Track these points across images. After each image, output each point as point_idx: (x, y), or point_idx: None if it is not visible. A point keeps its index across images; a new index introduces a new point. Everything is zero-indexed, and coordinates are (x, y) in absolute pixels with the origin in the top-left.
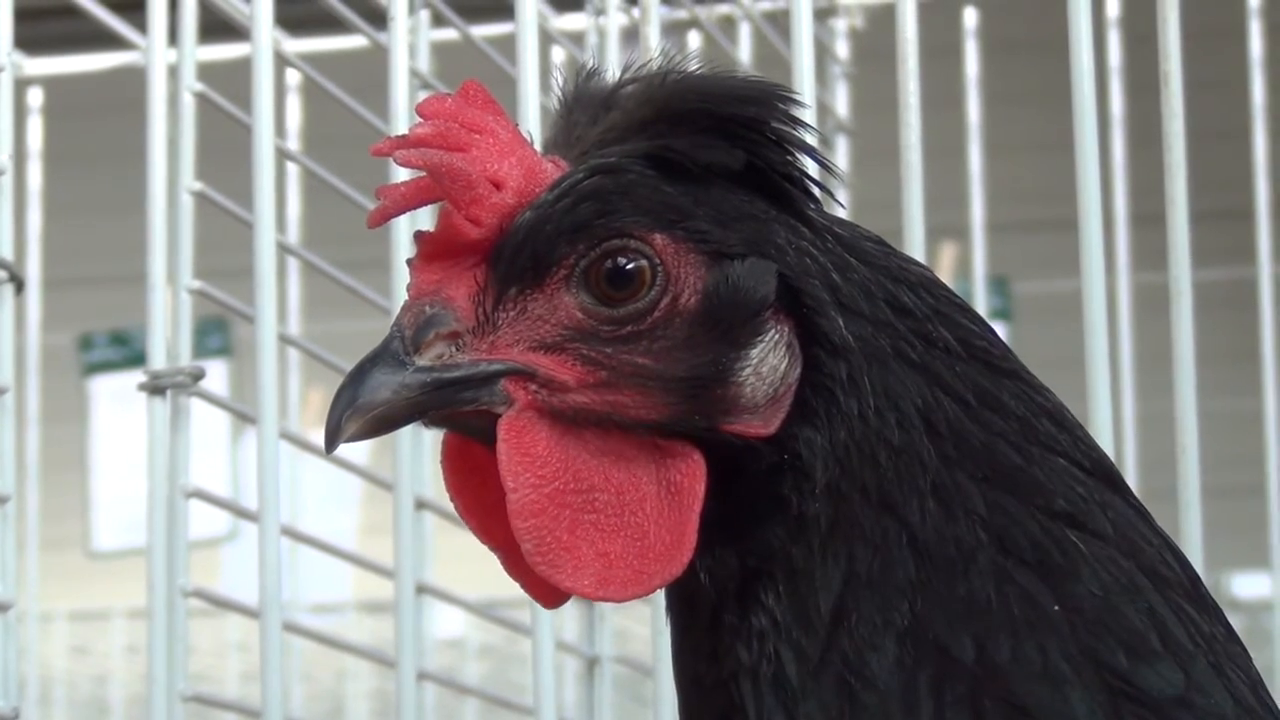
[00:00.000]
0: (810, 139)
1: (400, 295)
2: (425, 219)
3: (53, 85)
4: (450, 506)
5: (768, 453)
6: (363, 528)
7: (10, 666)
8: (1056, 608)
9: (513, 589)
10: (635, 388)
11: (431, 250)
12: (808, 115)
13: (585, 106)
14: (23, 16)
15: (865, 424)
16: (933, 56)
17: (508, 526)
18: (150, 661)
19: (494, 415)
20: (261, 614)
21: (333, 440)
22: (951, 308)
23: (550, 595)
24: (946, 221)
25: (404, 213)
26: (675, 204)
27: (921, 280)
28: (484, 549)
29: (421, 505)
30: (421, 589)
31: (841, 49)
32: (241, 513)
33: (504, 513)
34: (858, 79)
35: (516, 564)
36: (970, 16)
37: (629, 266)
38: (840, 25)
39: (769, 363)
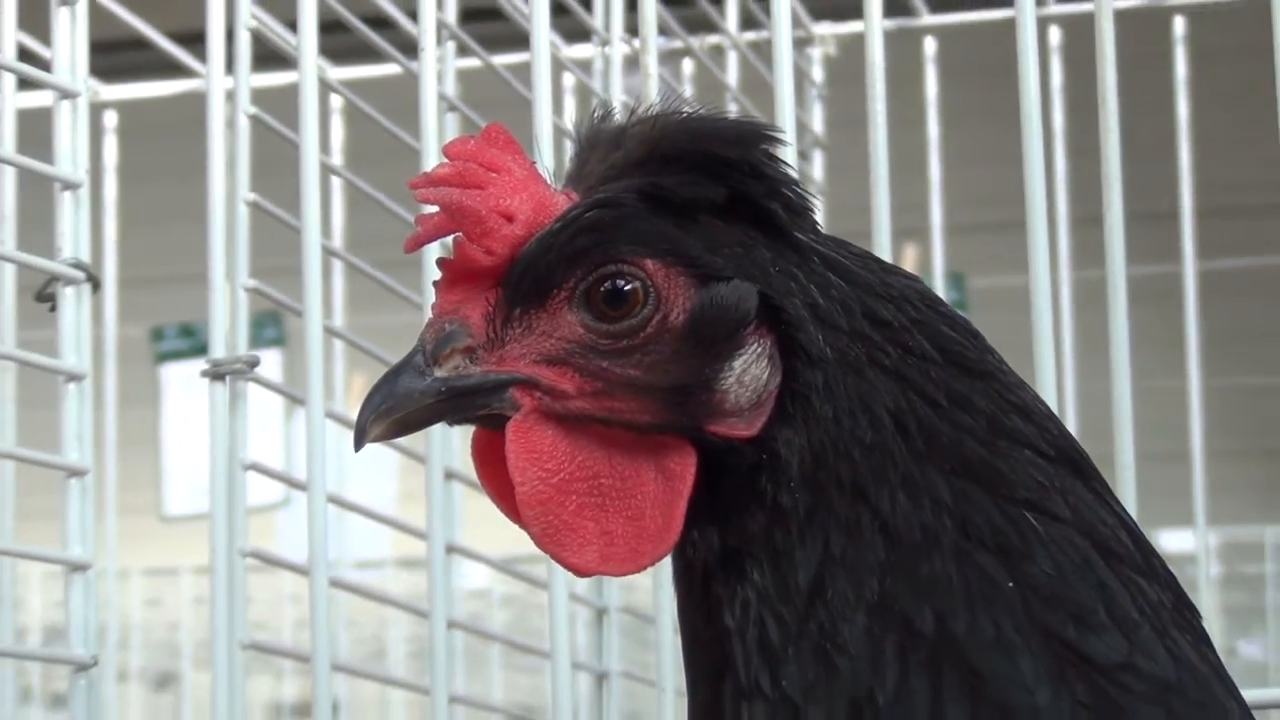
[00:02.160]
0: (789, 171)
1: (429, 291)
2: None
3: (125, 109)
4: (474, 476)
5: (749, 451)
6: (400, 495)
7: (90, 619)
8: (1011, 585)
9: (531, 548)
10: (629, 395)
11: (451, 275)
12: (789, 130)
13: (597, 146)
14: (99, 48)
15: (839, 425)
16: (897, 80)
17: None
18: (213, 613)
19: (507, 417)
20: (310, 571)
21: (360, 440)
22: (933, 317)
23: (562, 563)
24: (910, 224)
25: (435, 240)
26: (665, 233)
27: (904, 293)
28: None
29: (450, 475)
30: (451, 548)
31: (817, 74)
32: (293, 483)
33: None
34: (831, 100)
35: (537, 535)
36: (930, 45)
37: (625, 288)
38: (816, 53)
39: (751, 373)
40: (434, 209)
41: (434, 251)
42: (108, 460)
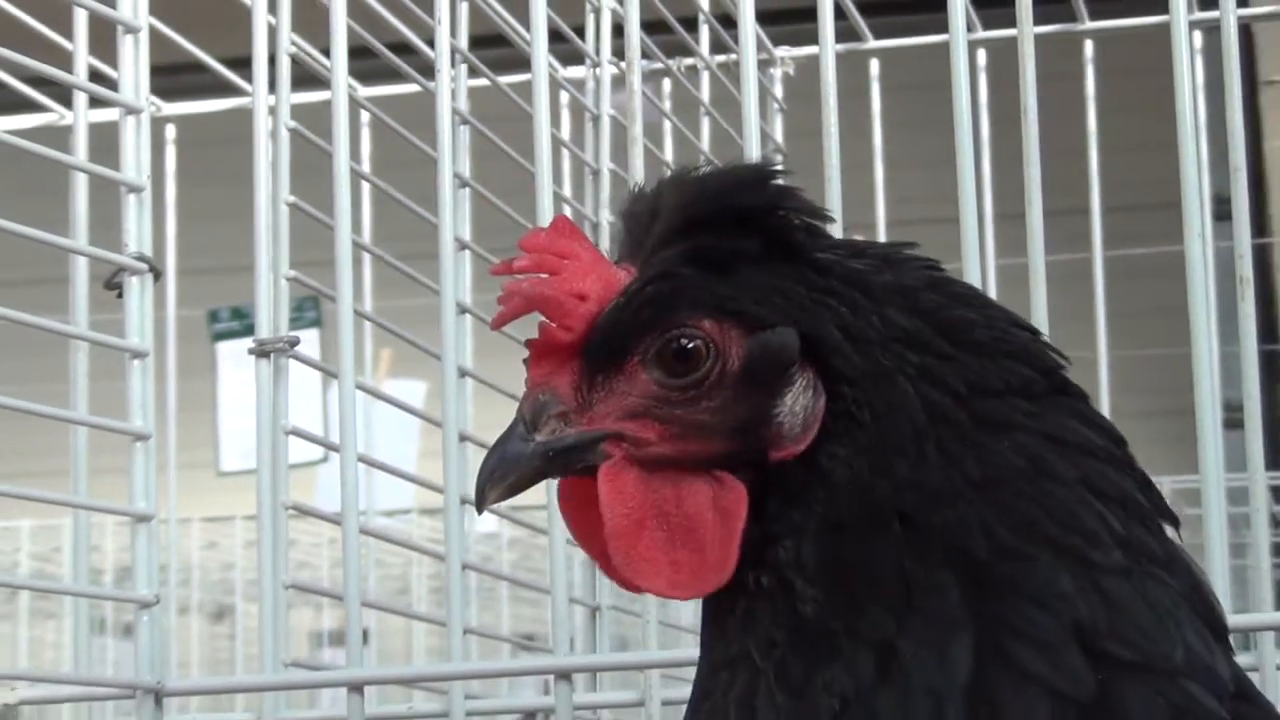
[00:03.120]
0: (802, 199)
1: (448, 279)
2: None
3: (183, 122)
4: (485, 437)
5: (797, 469)
6: (421, 453)
7: (153, 563)
8: (1028, 488)
9: (533, 499)
10: (700, 437)
11: (539, 351)
12: (753, 139)
13: (638, 220)
14: (159, 71)
15: (880, 428)
16: (847, 95)
17: (603, 541)
18: (260, 556)
19: (596, 466)
20: (343, 519)
21: (481, 503)
22: (942, 303)
23: (631, 588)
24: (858, 219)
25: (519, 317)
26: (716, 292)
27: (915, 288)
28: None
29: (464, 438)
30: (464, 500)
31: (778, 90)
32: (328, 445)
33: (600, 532)
34: (790, 113)
35: (607, 568)
36: (875, 66)
37: (689, 346)
38: (777, 73)
39: (800, 402)
40: (518, 284)
41: (449, 247)
42: (169, 424)
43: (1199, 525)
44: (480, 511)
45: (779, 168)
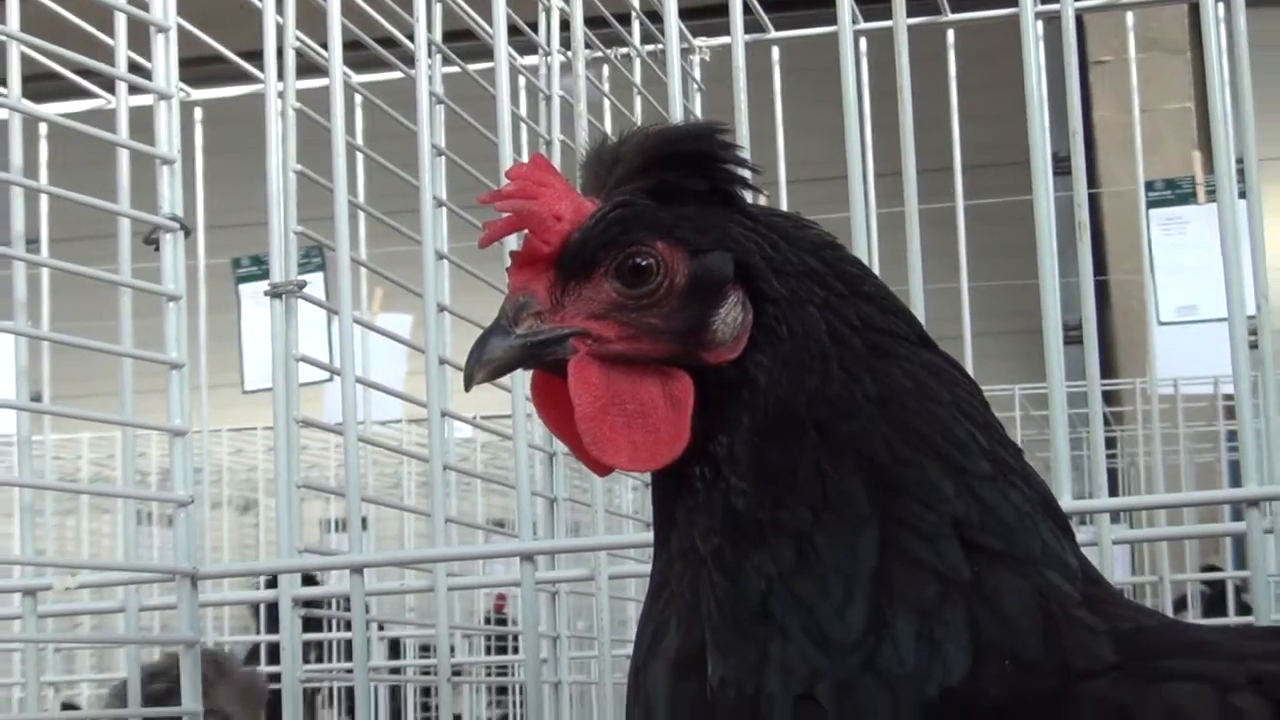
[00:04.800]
0: (739, 154)
1: (428, 230)
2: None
3: (209, 106)
4: (460, 360)
5: (731, 372)
6: (408, 374)
7: (188, 469)
8: (917, 419)
9: (502, 409)
10: (651, 338)
11: (521, 261)
12: (678, 116)
13: (601, 163)
14: (187, 63)
15: (794, 343)
16: (754, 77)
17: (573, 428)
18: (277, 460)
19: (564, 361)
20: (345, 429)
21: (468, 382)
22: (836, 259)
23: (599, 468)
24: (765, 178)
25: (505, 236)
26: (667, 221)
27: (817, 244)
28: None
29: (443, 361)
30: (445, 413)
31: (697, 74)
32: (331, 368)
33: (570, 420)
34: (707, 93)
35: (579, 451)
36: (776, 53)
37: (644, 263)
38: (696, 59)
39: (732, 315)
40: (508, 203)
41: (429, 205)
42: (201, 353)
43: (1045, 424)
44: (468, 389)
45: (721, 126)
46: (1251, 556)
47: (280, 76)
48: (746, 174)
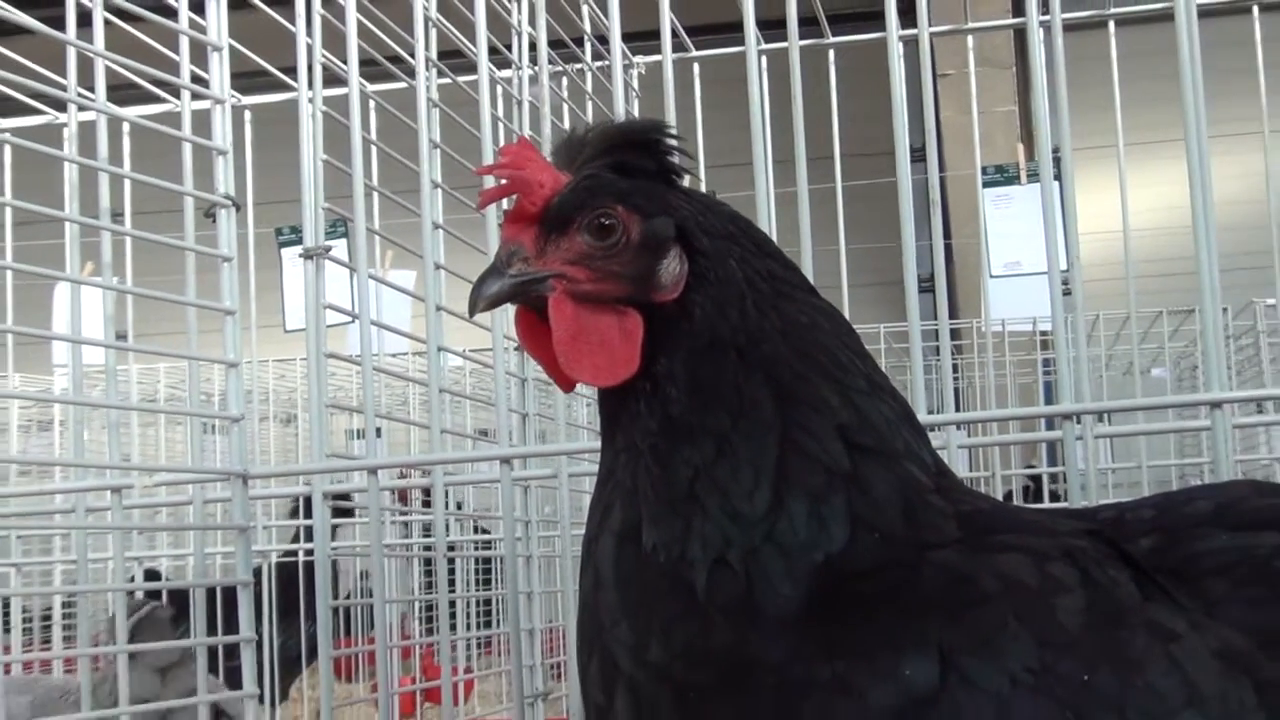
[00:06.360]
0: (678, 144)
1: (426, 206)
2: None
3: (255, 109)
4: (454, 307)
5: (673, 309)
6: (412, 316)
7: (239, 393)
8: (809, 350)
9: (485, 343)
10: (612, 280)
11: (513, 218)
12: (621, 116)
13: (569, 148)
14: (238, 75)
15: (720, 288)
16: (680, 88)
17: (549, 353)
18: (311, 383)
19: (544, 298)
20: (363, 360)
21: (472, 309)
22: (747, 226)
23: (568, 385)
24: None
25: (499, 199)
26: (625, 190)
27: (731, 214)
28: (477, 332)
29: (439, 309)
30: (440, 347)
31: (635, 84)
32: (352, 313)
33: (548, 347)
34: (643, 99)
35: (552, 370)
36: (696, 68)
37: (607, 222)
38: (635, 72)
39: (673, 265)
40: (501, 174)
41: (427, 186)
42: (251, 301)
43: (905, 355)
44: (471, 316)
45: (665, 123)
46: (1067, 457)
47: (310, 86)
48: (680, 159)
